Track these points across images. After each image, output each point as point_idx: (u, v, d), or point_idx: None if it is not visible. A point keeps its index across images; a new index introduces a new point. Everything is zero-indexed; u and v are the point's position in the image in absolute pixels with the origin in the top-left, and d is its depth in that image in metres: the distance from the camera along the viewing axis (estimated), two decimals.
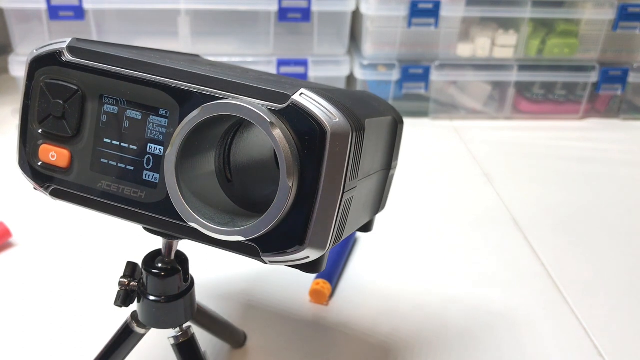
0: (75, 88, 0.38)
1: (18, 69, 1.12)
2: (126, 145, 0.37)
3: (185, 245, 0.44)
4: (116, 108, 0.37)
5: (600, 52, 1.23)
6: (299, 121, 0.33)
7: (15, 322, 0.63)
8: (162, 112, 0.36)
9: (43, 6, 1.09)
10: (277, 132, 0.32)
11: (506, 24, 1.19)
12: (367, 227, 0.50)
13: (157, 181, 0.37)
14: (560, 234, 0.84)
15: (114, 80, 0.37)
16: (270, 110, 0.33)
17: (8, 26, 1.12)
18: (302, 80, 0.49)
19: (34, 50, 0.39)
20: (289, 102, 0.33)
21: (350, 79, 1.26)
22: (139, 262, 0.46)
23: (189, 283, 0.46)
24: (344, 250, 0.75)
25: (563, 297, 0.71)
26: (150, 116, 0.36)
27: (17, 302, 0.66)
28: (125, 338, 0.49)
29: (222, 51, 1.18)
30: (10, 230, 0.76)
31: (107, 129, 0.38)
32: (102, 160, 0.38)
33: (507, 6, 1.16)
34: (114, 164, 0.38)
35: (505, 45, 1.20)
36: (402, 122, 0.49)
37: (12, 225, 0.77)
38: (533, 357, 0.62)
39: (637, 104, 1.29)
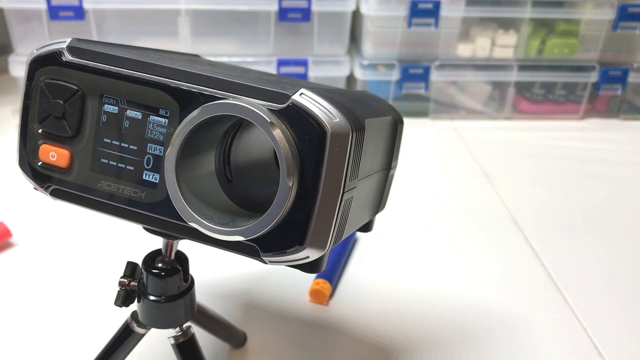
0: (75, 88, 0.38)
1: (18, 69, 1.12)
2: (126, 145, 0.37)
3: (185, 245, 0.44)
4: (116, 108, 0.37)
5: (600, 52, 1.23)
6: (299, 121, 0.33)
7: (15, 322, 0.63)
8: (162, 112, 0.36)
9: (43, 6, 1.09)
10: (277, 132, 0.32)
11: (506, 24, 1.19)
12: (367, 227, 0.50)
13: (157, 181, 0.37)
14: (560, 234, 0.84)
15: (114, 80, 0.37)
16: (270, 110, 0.33)
17: (8, 26, 1.12)
18: (302, 80, 0.49)
19: (34, 50, 0.39)
20: (289, 102, 0.33)
21: (350, 79, 1.26)
22: (139, 262, 0.46)
23: (189, 283, 0.46)
24: (344, 250, 0.75)
25: (563, 297, 0.71)
26: (150, 116, 0.36)
27: (17, 302, 0.66)
28: (125, 338, 0.49)
29: (222, 51, 1.18)
30: (10, 230, 0.76)
31: (107, 128, 0.38)
32: (102, 160, 0.38)
33: (507, 6, 1.16)
34: (114, 163, 0.38)
35: (505, 45, 1.20)
36: (402, 122, 0.49)
37: (12, 225, 0.77)
38: (533, 357, 0.62)
39: (637, 104, 1.29)
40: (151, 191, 0.37)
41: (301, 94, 0.33)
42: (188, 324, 0.48)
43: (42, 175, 0.39)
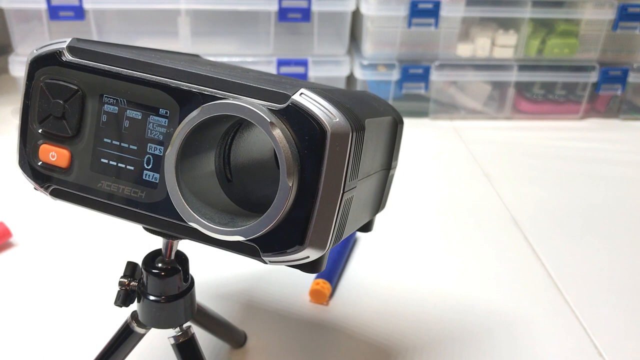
0: (76, 88, 0.38)
1: (18, 69, 1.12)
2: (126, 145, 0.37)
3: (185, 245, 0.44)
4: (116, 108, 0.37)
5: (600, 52, 1.23)
6: (299, 121, 0.33)
7: (15, 322, 0.63)
8: (162, 112, 0.36)
9: (43, 6, 1.09)
10: (277, 132, 0.32)
11: (506, 24, 1.19)
12: (367, 227, 0.50)
13: (157, 181, 0.37)
14: (560, 234, 0.84)
15: (114, 80, 0.37)
16: (270, 110, 0.33)
17: (8, 26, 1.12)
18: (302, 80, 0.49)
19: (34, 50, 0.39)
20: (289, 102, 0.33)
21: (350, 79, 1.26)
22: (139, 262, 0.46)
23: (189, 283, 0.46)
24: (344, 250, 0.75)
25: (563, 297, 0.71)
26: (150, 116, 0.36)
27: (17, 302, 0.66)
28: (125, 338, 0.49)
29: (222, 51, 1.18)
30: (10, 230, 0.76)
31: (107, 128, 0.38)
32: (102, 160, 0.38)
33: (507, 6, 1.16)
34: (114, 163, 0.38)
35: (505, 45, 1.20)
36: (402, 122, 0.49)
37: (12, 225, 0.77)
38: (533, 357, 0.62)
39: (637, 104, 1.29)
40: (151, 191, 0.37)
41: (301, 94, 0.33)
42: (188, 324, 0.48)
43: (42, 175, 0.39)
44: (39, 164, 0.39)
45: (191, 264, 0.46)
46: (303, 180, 0.33)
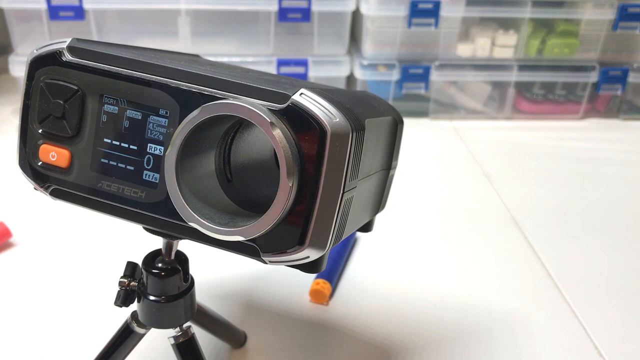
0: (76, 88, 0.38)
1: (18, 69, 1.12)
2: (126, 145, 0.37)
3: (185, 245, 0.44)
4: (116, 108, 0.37)
5: (600, 52, 1.23)
6: (299, 121, 0.33)
7: (15, 322, 0.63)
8: (162, 112, 0.36)
9: (43, 6, 1.09)
10: (277, 132, 0.32)
11: (506, 24, 1.19)
12: (367, 227, 0.50)
13: (157, 181, 0.37)
14: (560, 234, 0.84)
15: (114, 80, 0.37)
16: (270, 110, 0.33)
17: (8, 26, 1.12)
18: (302, 80, 0.49)
19: (34, 50, 0.39)
20: (289, 102, 0.33)
21: (350, 79, 1.26)
22: (139, 262, 0.46)
23: (189, 283, 0.46)
24: (344, 250, 0.75)
25: (563, 297, 0.71)
26: (150, 116, 0.36)
27: (17, 302, 0.66)
28: (125, 338, 0.49)
29: (222, 51, 1.18)
30: (10, 230, 0.76)
31: (107, 129, 0.38)
32: (102, 160, 0.38)
33: (507, 6, 1.16)
34: (114, 164, 0.38)
35: (505, 45, 1.20)
36: (402, 122, 0.49)
37: (12, 225, 0.77)
38: (533, 357, 0.62)
39: (637, 104, 1.29)
40: (151, 191, 0.37)
41: (301, 94, 0.33)
42: (188, 324, 0.48)
43: (42, 175, 0.39)
44: (39, 164, 0.39)
45: (191, 264, 0.46)
46: (303, 180, 0.33)
